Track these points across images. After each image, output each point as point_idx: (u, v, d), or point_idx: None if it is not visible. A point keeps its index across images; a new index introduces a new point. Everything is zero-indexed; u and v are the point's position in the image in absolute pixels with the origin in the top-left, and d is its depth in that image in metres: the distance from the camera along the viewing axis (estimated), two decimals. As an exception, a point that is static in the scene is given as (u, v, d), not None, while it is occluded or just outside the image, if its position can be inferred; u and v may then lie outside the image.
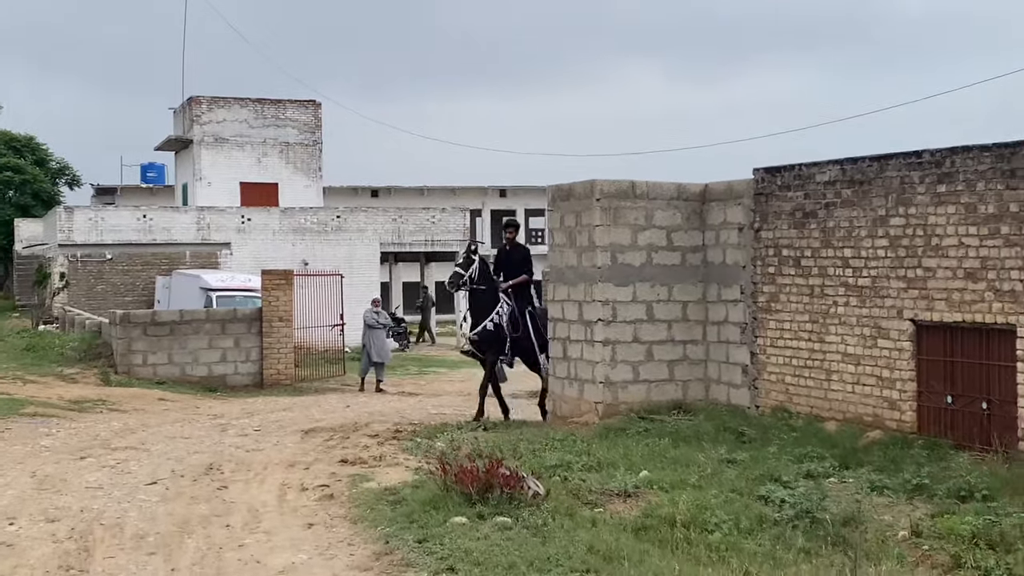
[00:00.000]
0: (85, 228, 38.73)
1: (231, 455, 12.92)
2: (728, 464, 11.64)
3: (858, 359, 12.89)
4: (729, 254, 14.91)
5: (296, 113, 48.56)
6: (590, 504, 9.92)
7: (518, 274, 16.72)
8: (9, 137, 58.72)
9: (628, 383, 14.96)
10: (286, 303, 24.30)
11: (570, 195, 15.52)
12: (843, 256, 13.07)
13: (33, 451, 13.24)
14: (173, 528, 9.11)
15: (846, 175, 13.03)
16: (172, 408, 19.16)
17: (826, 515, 9.26)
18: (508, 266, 16.80)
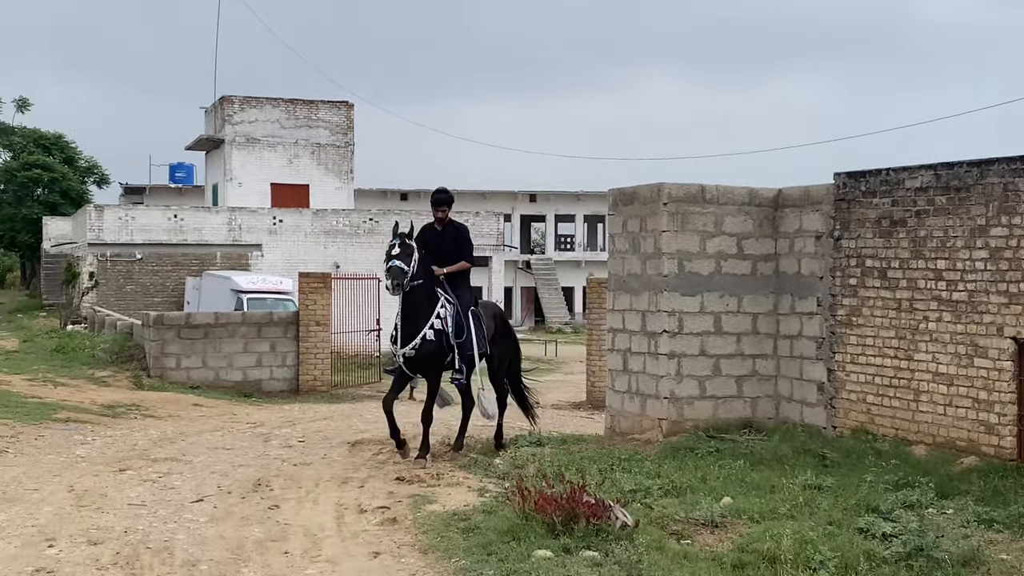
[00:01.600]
0: (115, 227, 38.16)
1: (278, 469, 12.15)
2: (815, 491, 10.79)
3: (951, 379, 12.00)
4: (805, 264, 14.04)
5: (328, 114, 47.96)
6: (676, 535, 9.09)
7: (453, 260, 13.08)
8: (38, 135, 58.38)
9: (694, 399, 14.11)
10: (323, 307, 23.56)
11: (634, 199, 14.70)
12: (936, 268, 12.18)
13: (69, 461, 12.51)
14: (227, 555, 8.33)
15: (940, 181, 12.15)
16: (208, 414, 18.44)
17: (944, 553, 8.39)
18: (440, 251, 13.00)
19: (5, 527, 9.11)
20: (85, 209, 40.66)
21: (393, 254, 12.09)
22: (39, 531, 8.98)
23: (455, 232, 13.25)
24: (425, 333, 12.31)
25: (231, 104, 46.93)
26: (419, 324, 12.30)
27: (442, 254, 12.93)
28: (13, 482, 11.05)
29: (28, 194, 56.02)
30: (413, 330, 12.31)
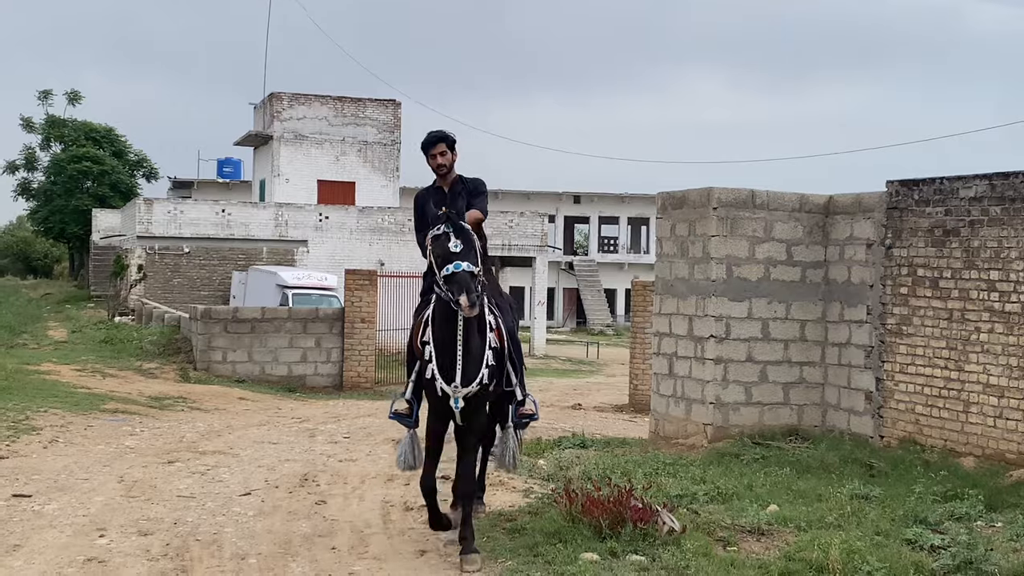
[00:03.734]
0: (164, 221, 38.53)
1: (324, 465, 12.23)
2: (862, 501, 10.71)
3: (1002, 391, 11.87)
4: (855, 272, 13.94)
5: (376, 112, 48.16)
6: (722, 542, 9.06)
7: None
8: (89, 128, 58.97)
9: (740, 405, 14.05)
10: (369, 304, 23.70)
11: (683, 203, 14.65)
12: (989, 279, 12.06)
13: (118, 452, 12.66)
14: (275, 549, 8.39)
15: (995, 191, 12.03)
16: (253, 408, 18.59)
17: (993, 567, 8.31)
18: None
19: (57, 516, 9.23)
20: (134, 202, 41.09)
21: (453, 250, 7.57)
22: (90, 521, 9.10)
23: (467, 189, 8.60)
24: (487, 357, 7.86)
25: (280, 100, 47.26)
26: (476, 344, 7.81)
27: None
28: (64, 471, 11.20)
29: (78, 186, 56.60)
30: (471, 356, 7.77)
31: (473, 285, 7.43)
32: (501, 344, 8.13)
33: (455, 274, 7.48)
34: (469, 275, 7.49)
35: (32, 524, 8.92)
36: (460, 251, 7.59)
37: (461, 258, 7.54)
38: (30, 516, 9.19)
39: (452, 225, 7.69)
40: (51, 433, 13.55)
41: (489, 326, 7.95)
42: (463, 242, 7.64)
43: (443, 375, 7.77)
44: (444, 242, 7.65)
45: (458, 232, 7.68)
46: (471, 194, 8.59)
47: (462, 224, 7.74)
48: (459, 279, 7.45)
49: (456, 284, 7.45)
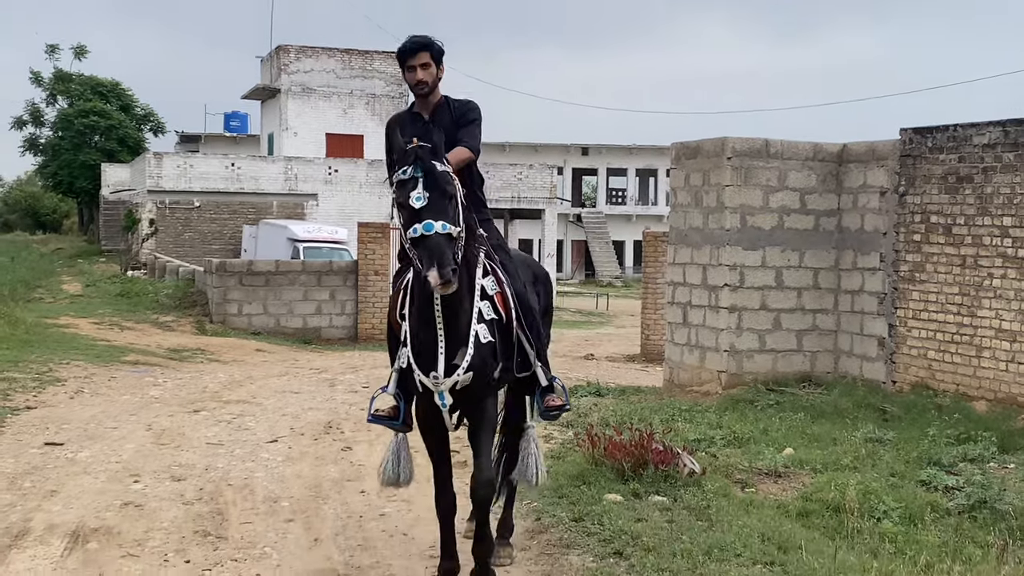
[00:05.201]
0: (174, 175, 38.62)
1: (347, 413, 12.45)
2: (876, 444, 10.92)
3: (1014, 336, 12.03)
4: (868, 219, 14.06)
5: (383, 65, 48.00)
6: (741, 483, 9.27)
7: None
8: (95, 82, 58.93)
9: (754, 352, 14.22)
10: (382, 256, 23.83)
11: (697, 153, 14.74)
12: (1002, 225, 12.18)
13: (143, 402, 12.88)
14: (306, 492, 8.62)
15: (1009, 138, 12.12)
16: (271, 360, 18.82)
17: (1007, 506, 8.51)
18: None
19: (90, 463, 9.45)
20: (144, 156, 41.16)
21: (417, 204, 5.61)
22: (123, 467, 9.32)
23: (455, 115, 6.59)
24: (477, 332, 6.03)
25: (287, 53, 47.16)
26: (460, 319, 5.98)
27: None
28: (92, 421, 11.43)
29: (85, 141, 56.66)
30: (455, 336, 5.97)
31: (448, 253, 5.47)
32: (507, 314, 6.19)
33: (424, 238, 5.48)
34: (443, 239, 5.49)
35: (66, 471, 9.15)
36: (428, 205, 5.55)
37: (432, 215, 5.51)
38: (64, 463, 9.42)
39: (422, 167, 5.61)
40: (76, 384, 13.78)
41: (482, 292, 6.08)
42: (435, 192, 5.60)
43: (420, 363, 5.92)
44: (409, 191, 5.59)
45: (428, 178, 5.60)
46: (459, 123, 6.53)
47: (434, 166, 5.64)
48: (429, 245, 5.46)
49: (425, 251, 5.47)
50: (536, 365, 6.49)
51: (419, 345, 5.96)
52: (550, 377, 6.59)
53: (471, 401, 6.11)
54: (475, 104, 6.72)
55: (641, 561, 6.65)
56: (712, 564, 6.63)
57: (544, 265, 35.16)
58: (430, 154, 5.69)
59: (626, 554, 6.84)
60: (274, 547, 7.15)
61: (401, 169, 5.70)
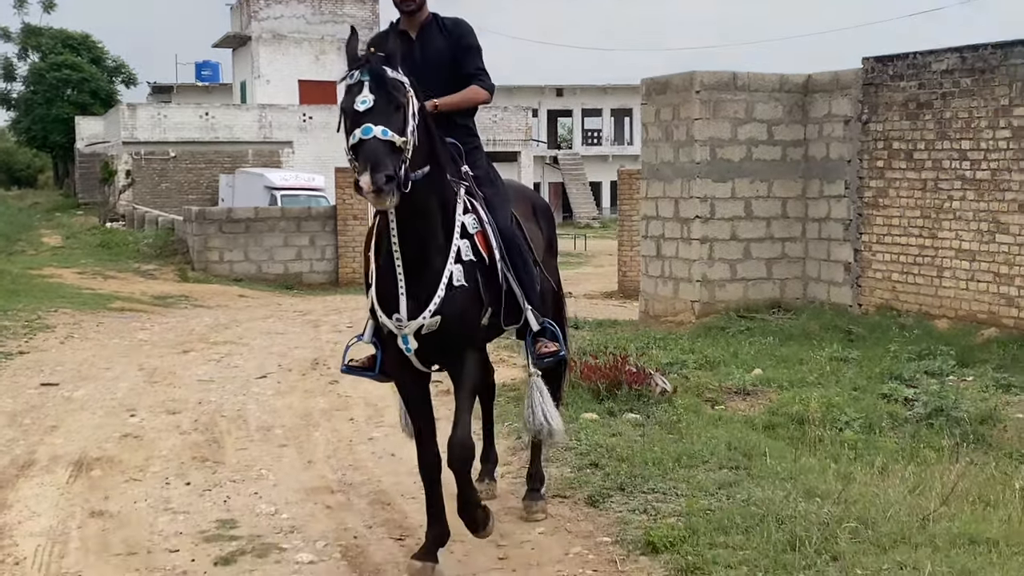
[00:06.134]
0: (148, 126, 38.64)
1: (332, 351, 12.81)
2: (841, 362, 11.39)
3: (973, 255, 12.50)
4: (833, 148, 14.45)
5: (354, 9, 47.87)
6: (711, 401, 9.72)
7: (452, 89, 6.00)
8: (65, 35, 58.45)
9: (725, 281, 14.67)
10: (360, 201, 24.09)
11: (667, 88, 15.08)
12: (960, 148, 12.60)
13: (133, 345, 13.24)
14: (297, 421, 9.03)
15: (966, 63, 12.50)
16: (254, 305, 19.17)
17: (962, 413, 8.99)
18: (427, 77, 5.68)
19: (87, 401, 9.83)
20: (118, 108, 41.09)
21: (360, 107, 4.96)
22: (119, 403, 9.70)
23: (449, 36, 6.08)
24: (451, 273, 5.39)
25: (256, 0, 46.96)
26: (432, 258, 5.39)
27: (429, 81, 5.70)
28: (85, 363, 11.78)
29: (58, 95, 56.31)
30: (423, 276, 5.36)
31: (388, 160, 4.80)
32: (489, 256, 5.56)
33: (362, 143, 4.82)
34: (383, 144, 4.83)
35: (64, 408, 9.52)
36: (372, 109, 4.89)
37: (373, 119, 4.86)
38: (61, 402, 9.79)
39: (369, 70, 5.00)
40: (65, 330, 14.11)
41: (461, 229, 5.47)
42: (381, 98, 4.93)
43: (382, 304, 5.38)
44: (354, 96, 4.98)
45: (376, 82, 4.97)
46: (455, 48, 6.00)
47: (384, 71, 5.01)
48: (365, 150, 4.80)
49: (362, 158, 4.80)
50: (526, 309, 5.80)
51: (382, 285, 5.37)
52: (542, 321, 5.91)
53: (448, 352, 5.46)
54: (469, 25, 6.12)
55: (615, 469, 7.08)
56: (681, 470, 7.07)
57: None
58: (382, 60, 5.06)
59: (601, 464, 7.27)
60: (270, 469, 7.56)
61: (349, 73, 5.07)
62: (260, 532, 6.21)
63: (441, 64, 5.93)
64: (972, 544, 5.55)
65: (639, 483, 6.75)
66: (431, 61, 5.89)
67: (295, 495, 6.95)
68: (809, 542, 5.44)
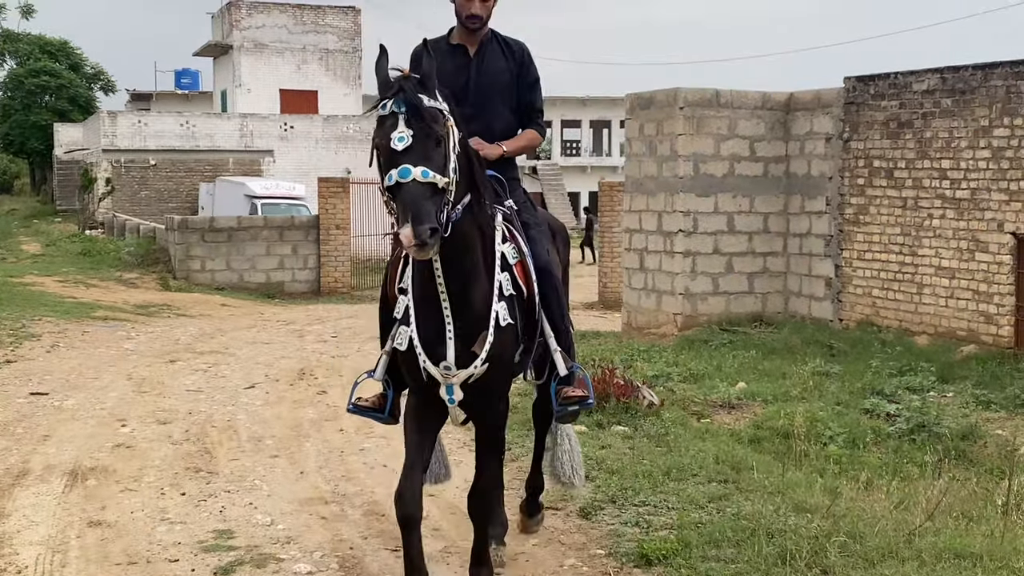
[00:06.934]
0: (129, 133, 38.55)
1: (318, 361, 12.91)
2: (823, 377, 11.56)
3: (953, 273, 12.70)
4: (815, 165, 14.65)
5: (336, 19, 47.97)
6: (697, 414, 9.87)
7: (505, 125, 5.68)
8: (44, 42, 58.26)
9: (708, 295, 14.84)
10: (343, 211, 24.22)
11: (651, 103, 15.25)
12: (940, 168, 12.81)
13: (119, 354, 13.26)
14: (288, 432, 9.10)
15: (946, 84, 12.71)
16: (237, 314, 19.18)
17: (944, 429, 9.16)
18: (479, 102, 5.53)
19: (77, 410, 9.86)
20: (98, 115, 40.99)
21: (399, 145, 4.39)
22: (109, 413, 9.74)
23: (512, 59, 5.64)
24: (497, 312, 4.90)
25: (238, 9, 46.93)
26: (474, 295, 4.86)
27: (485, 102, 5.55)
28: (73, 372, 11.80)
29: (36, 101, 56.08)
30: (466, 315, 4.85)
31: (429, 206, 4.29)
32: (528, 289, 5.09)
33: (400, 186, 4.32)
34: (424, 189, 4.31)
35: (55, 417, 9.55)
36: (410, 147, 4.37)
37: (412, 159, 4.34)
38: (51, 411, 9.82)
39: (404, 100, 4.44)
40: (51, 339, 14.11)
41: (502, 261, 4.98)
42: (419, 132, 4.40)
43: (427, 349, 4.82)
44: (388, 130, 4.43)
45: (412, 114, 4.41)
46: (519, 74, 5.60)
47: (421, 100, 4.45)
48: (404, 196, 4.30)
49: (400, 203, 4.32)
50: (555, 351, 5.28)
51: (424, 326, 4.81)
52: (570, 365, 5.35)
53: (483, 396, 4.95)
54: (531, 53, 5.70)
55: (606, 482, 7.20)
56: (671, 483, 7.19)
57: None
58: (417, 86, 4.49)
59: (592, 476, 7.36)
60: (263, 480, 7.62)
61: (381, 102, 4.51)
62: (257, 542, 6.28)
63: (501, 82, 5.55)
64: (957, 559, 5.68)
65: (630, 496, 6.86)
66: (489, 81, 5.51)
67: (289, 506, 7.02)
68: (799, 556, 5.56)
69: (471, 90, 5.40)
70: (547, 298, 5.23)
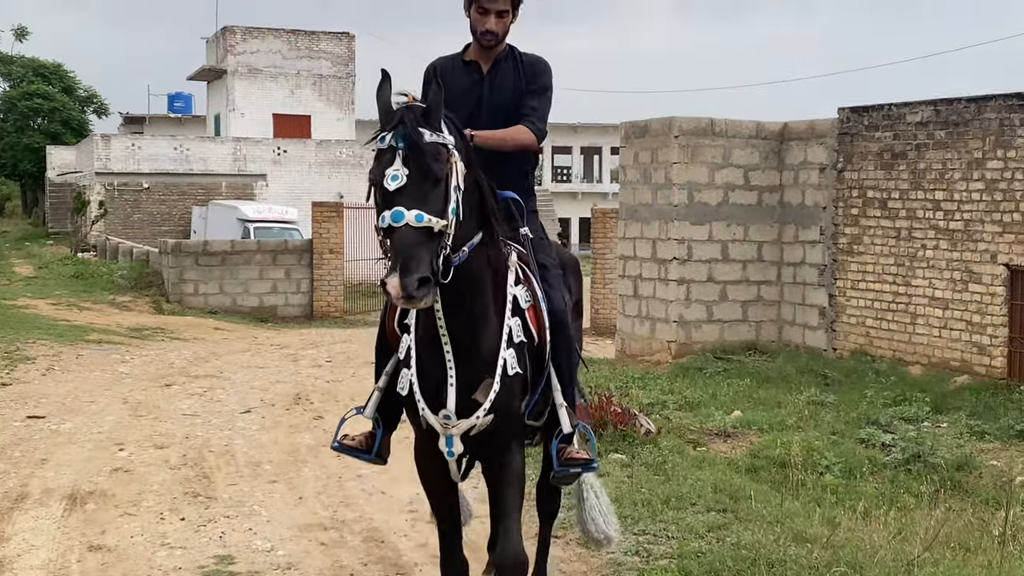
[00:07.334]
0: (122, 156, 38.59)
1: (313, 385, 12.92)
2: (818, 406, 11.60)
3: (946, 303, 12.78)
4: (808, 194, 14.75)
5: (330, 45, 48.10)
6: (693, 443, 9.90)
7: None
8: (37, 64, 58.30)
9: (702, 322, 14.90)
10: (336, 235, 24.25)
11: (646, 132, 15.34)
12: (934, 199, 12.91)
13: (114, 378, 13.25)
14: (285, 457, 9.10)
15: (940, 116, 12.83)
16: (230, 338, 19.17)
17: (939, 459, 9.20)
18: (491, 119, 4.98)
19: (75, 434, 9.85)
20: (92, 138, 41.02)
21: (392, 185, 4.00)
22: (107, 437, 9.73)
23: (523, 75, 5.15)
24: (505, 360, 4.47)
25: (233, 34, 47.07)
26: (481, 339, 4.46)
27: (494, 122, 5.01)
28: (69, 395, 11.79)
29: (29, 123, 56.11)
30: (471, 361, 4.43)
31: (423, 254, 3.90)
32: (539, 336, 4.65)
33: (392, 230, 3.95)
34: (417, 234, 3.92)
35: (53, 441, 9.54)
36: (404, 188, 3.99)
37: (406, 201, 3.96)
38: (49, 434, 9.81)
39: (403, 135, 4.05)
40: (46, 362, 14.09)
41: (513, 304, 4.57)
42: (415, 171, 4.02)
43: (426, 395, 4.45)
44: (384, 166, 4.06)
45: (411, 150, 4.04)
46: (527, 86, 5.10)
47: (421, 134, 4.06)
48: (395, 241, 3.93)
49: (392, 250, 3.95)
50: (560, 406, 4.81)
51: (424, 370, 4.44)
52: (575, 423, 4.86)
53: (490, 447, 4.56)
54: (547, 65, 5.21)
55: (605, 510, 7.21)
56: (670, 511, 7.22)
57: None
58: (419, 118, 4.11)
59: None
60: (262, 505, 7.63)
61: (379, 135, 4.15)
62: (258, 568, 6.29)
63: (510, 102, 5.05)
64: (956, 588, 5.73)
65: (630, 524, 6.88)
66: (499, 100, 5.04)
67: (289, 531, 7.03)
68: (800, 585, 5.60)
69: (483, 109, 4.97)
70: (557, 349, 4.74)
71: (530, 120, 5.02)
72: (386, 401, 4.86)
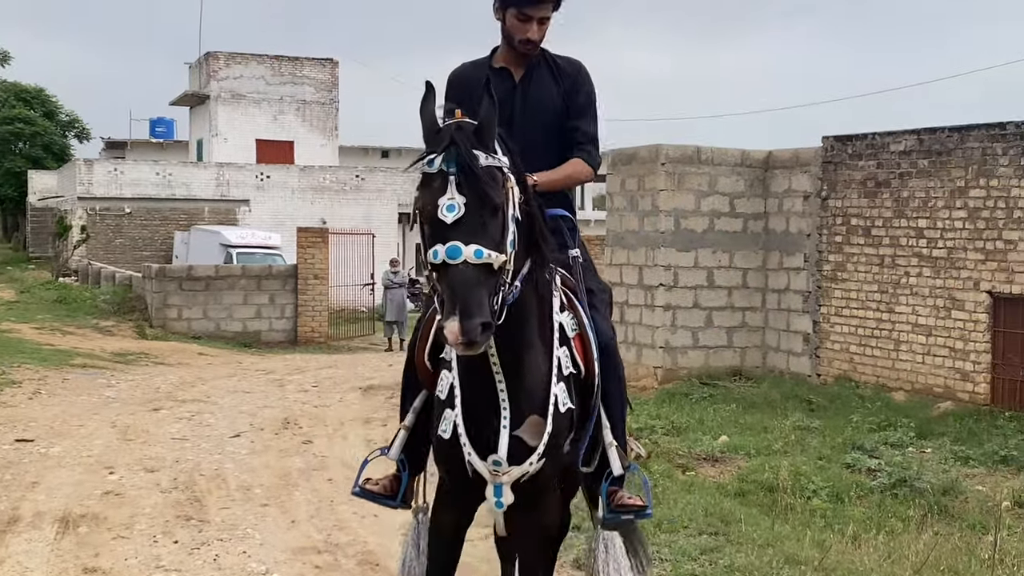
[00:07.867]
0: (104, 181, 38.53)
1: (301, 410, 12.93)
2: (804, 431, 11.70)
3: (930, 330, 12.91)
4: (793, 222, 14.89)
5: (313, 71, 48.24)
6: (682, 467, 9.97)
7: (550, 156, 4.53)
8: (19, 88, 58.18)
9: (687, 348, 14.99)
10: (321, 260, 24.28)
11: (633, 159, 15.48)
12: (917, 227, 13.06)
13: (101, 402, 13.24)
14: (276, 481, 9.12)
15: (923, 145, 13.00)
16: (215, 363, 19.16)
17: (925, 484, 9.30)
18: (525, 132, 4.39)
19: (64, 457, 9.84)
20: (74, 163, 40.97)
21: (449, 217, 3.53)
22: (96, 461, 9.73)
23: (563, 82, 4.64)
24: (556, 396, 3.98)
25: (216, 60, 47.15)
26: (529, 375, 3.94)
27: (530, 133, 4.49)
28: (57, 419, 11.77)
29: (10, 148, 55.95)
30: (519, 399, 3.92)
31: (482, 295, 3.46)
32: (587, 368, 4.18)
33: (447, 268, 3.51)
34: (476, 272, 3.49)
35: (42, 464, 9.53)
36: (462, 219, 3.53)
37: (463, 235, 3.51)
38: (38, 458, 9.79)
39: (456, 158, 3.59)
40: (32, 386, 14.07)
41: (560, 333, 4.10)
42: (472, 199, 3.56)
43: (473, 440, 3.95)
44: (436, 194, 3.58)
45: (466, 175, 3.58)
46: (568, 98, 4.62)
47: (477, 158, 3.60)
48: (452, 280, 3.49)
49: (448, 291, 3.50)
50: (610, 445, 4.38)
51: (470, 411, 3.95)
52: (626, 464, 4.48)
53: (531, 495, 4.03)
54: (587, 70, 4.70)
55: (598, 533, 7.26)
56: (662, 535, 7.28)
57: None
58: (472, 138, 3.64)
59: (584, 528, 7.43)
60: (255, 528, 7.65)
61: (427, 158, 3.66)
62: (254, 590, 6.31)
63: (548, 113, 4.57)
64: (947, 610, 5.80)
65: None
66: (536, 109, 4.56)
67: (283, 554, 7.05)
68: (794, 606, 5.66)
69: (515, 123, 4.40)
70: (608, 382, 4.29)
71: (585, 150, 4.59)
72: (412, 442, 4.43)
